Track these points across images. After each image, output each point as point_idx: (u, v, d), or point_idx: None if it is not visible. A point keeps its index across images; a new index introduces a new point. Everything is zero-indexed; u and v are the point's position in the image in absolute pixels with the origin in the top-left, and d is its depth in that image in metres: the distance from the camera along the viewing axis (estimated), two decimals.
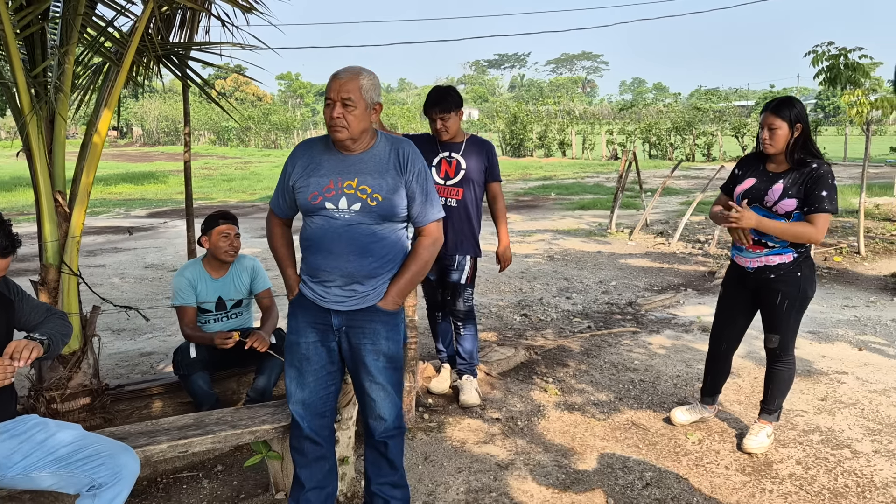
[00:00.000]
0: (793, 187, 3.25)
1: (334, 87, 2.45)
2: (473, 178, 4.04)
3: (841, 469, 3.34)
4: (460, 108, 4.03)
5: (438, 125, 3.97)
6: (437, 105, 3.94)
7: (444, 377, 4.36)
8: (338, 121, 2.43)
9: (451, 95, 3.98)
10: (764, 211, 3.32)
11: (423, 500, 3.09)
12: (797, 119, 3.23)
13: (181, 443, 2.71)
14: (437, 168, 4.04)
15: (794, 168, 3.28)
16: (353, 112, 2.43)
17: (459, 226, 4.05)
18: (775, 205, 3.28)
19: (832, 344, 5.31)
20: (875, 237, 9.95)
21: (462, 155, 4.03)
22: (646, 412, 4.06)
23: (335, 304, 2.57)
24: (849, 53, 8.67)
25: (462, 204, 4.03)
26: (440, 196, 4.01)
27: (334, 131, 2.46)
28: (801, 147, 3.27)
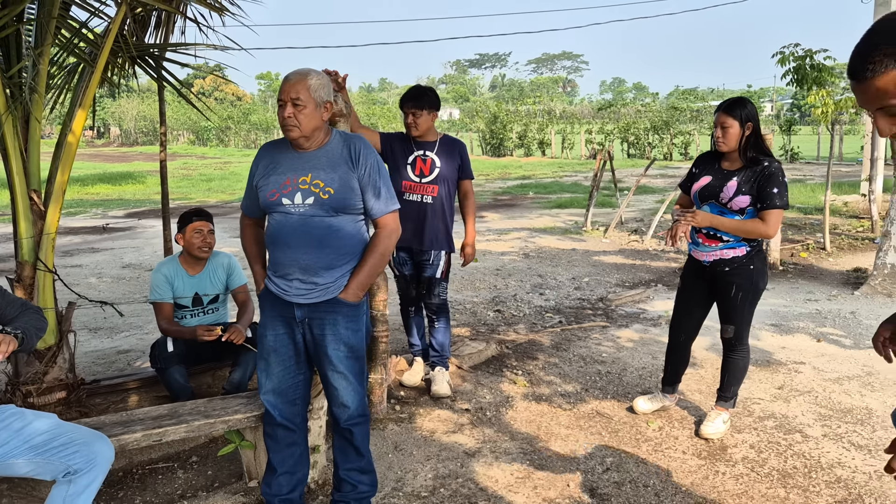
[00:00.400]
0: (746, 184, 3.41)
1: (285, 88, 2.60)
2: (447, 176, 4.18)
3: (791, 452, 3.51)
4: (434, 110, 4.16)
5: (409, 119, 4.12)
6: (411, 100, 4.11)
7: (416, 370, 4.48)
8: (289, 120, 2.57)
9: (428, 95, 4.13)
10: (719, 207, 3.47)
11: (392, 486, 3.21)
12: (748, 118, 3.39)
13: (155, 432, 2.80)
14: (411, 166, 4.16)
15: (747, 166, 3.43)
16: (303, 111, 2.57)
17: (434, 222, 4.18)
18: (730, 201, 3.44)
19: (793, 336, 5.49)
20: (841, 234, 10.21)
21: (436, 154, 4.17)
22: (610, 402, 4.21)
23: (297, 298, 2.68)
24: (814, 55, 8.91)
25: (437, 201, 4.17)
26: (415, 193, 4.14)
27: (287, 130, 2.61)
28: (753, 145, 3.43)
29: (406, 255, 4.29)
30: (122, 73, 4.58)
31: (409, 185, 4.16)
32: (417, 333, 4.54)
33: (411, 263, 4.30)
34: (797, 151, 28.96)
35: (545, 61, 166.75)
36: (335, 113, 3.62)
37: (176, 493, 3.20)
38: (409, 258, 4.29)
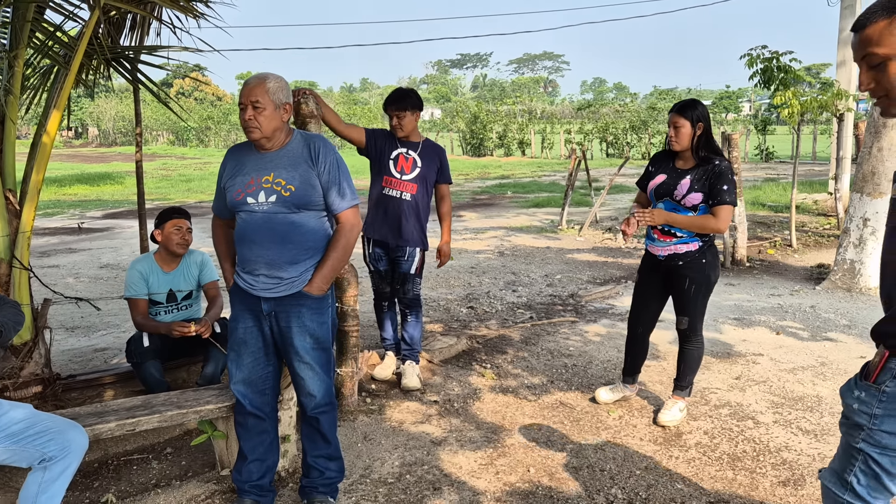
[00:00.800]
0: (698, 182, 3.58)
1: (244, 92, 2.72)
2: (426, 176, 4.32)
3: (742, 437, 3.68)
4: (417, 110, 4.29)
5: (394, 122, 4.25)
6: (394, 103, 4.23)
7: (387, 364, 4.61)
8: (250, 122, 2.70)
9: (410, 97, 4.26)
10: (673, 204, 3.64)
11: (360, 474, 3.33)
12: (699, 119, 3.56)
13: (129, 422, 2.91)
14: (394, 161, 4.29)
15: (699, 164, 3.60)
16: (262, 113, 2.70)
17: (411, 219, 4.30)
18: (683, 198, 3.61)
19: (753, 329, 5.69)
20: (808, 231, 10.47)
21: (419, 154, 4.30)
22: (574, 393, 4.36)
23: (264, 292, 2.80)
24: (780, 57, 9.16)
25: (415, 199, 4.29)
26: (395, 189, 4.26)
27: (249, 132, 2.73)
28: (705, 145, 3.60)
29: (381, 251, 4.41)
30: (97, 74, 4.67)
31: (389, 180, 4.28)
32: (390, 328, 4.66)
33: (386, 259, 4.43)
34: (772, 151, 29.42)
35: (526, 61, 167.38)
36: (305, 114, 3.74)
37: (150, 482, 3.30)
38: (384, 254, 4.41)
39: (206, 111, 50.61)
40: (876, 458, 1.77)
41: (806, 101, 8.78)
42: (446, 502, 3.07)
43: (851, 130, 11.56)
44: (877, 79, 1.71)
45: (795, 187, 9.44)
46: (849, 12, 12.29)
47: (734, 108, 62.74)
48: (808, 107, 8.77)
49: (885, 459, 1.77)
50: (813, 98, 8.86)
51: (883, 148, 6.65)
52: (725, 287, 7.19)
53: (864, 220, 6.84)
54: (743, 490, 3.15)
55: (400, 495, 3.13)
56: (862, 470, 1.81)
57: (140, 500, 3.07)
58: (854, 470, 1.83)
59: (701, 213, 3.60)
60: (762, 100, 69.16)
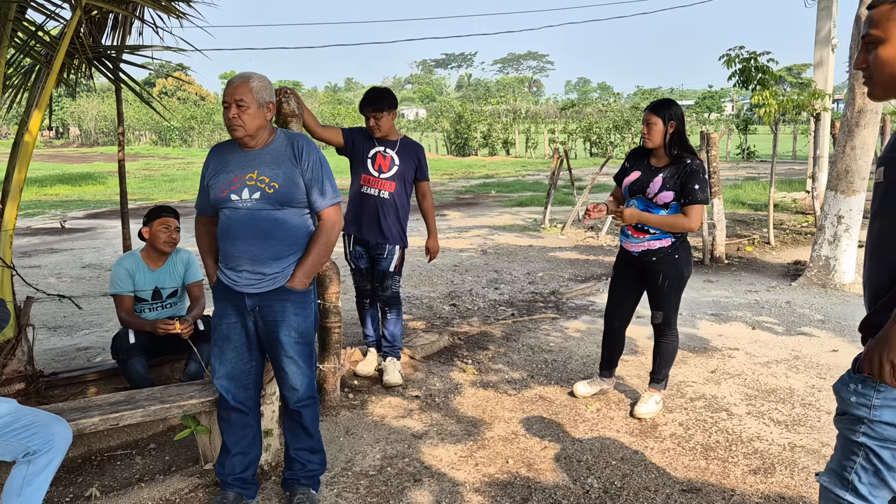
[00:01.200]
0: (670, 181, 3.67)
1: (228, 91, 2.77)
2: (405, 175, 4.37)
3: (716, 428, 3.77)
4: (393, 109, 4.34)
5: (371, 122, 4.28)
6: (370, 105, 4.26)
7: (369, 360, 4.66)
8: (234, 120, 2.75)
9: (385, 97, 4.30)
10: (646, 202, 3.73)
11: (342, 467, 3.39)
12: (671, 117, 3.65)
13: (112, 416, 2.95)
14: (371, 160, 4.34)
15: (672, 163, 3.69)
16: (246, 112, 2.75)
17: (390, 217, 4.35)
18: (655, 196, 3.69)
19: (730, 324, 5.80)
20: (786, 229, 10.63)
21: (396, 152, 4.35)
22: (554, 387, 4.44)
23: (247, 288, 2.85)
24: (758, 57, 9.30)
25: (393, 197, 4.34)
26: (373, 187, 4.32)
27: (233, 130, 2.78)
28: (678, 143, 3.69)
29: (362, 249, 4.46)
30: (79, 73, 4.69)
31: (367, 178, 4.33)
32: (372, 325, 4.72)
33: (367, 257, 4.48)
34: (753, 150, 29.73)
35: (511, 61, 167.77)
36: (287, 113, 3.79)
37: (134, 477, 3.34)
38: (364, 252, 4.47)
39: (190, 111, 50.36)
40: (877, 451, 1.77)
41: (783, 100, 8.92)
42: (426, 493, 3.14)
43: (828, 130, 11.76)
44: (868, 59, 1.81)
45: (773, 186, 9.59)
46: (825, 14, 12.50)
47: (717, 108, 63.27)
48: (785, 106, 8.92)
49: (886, 453, 1.76)
50: (790, 98, 9.01)
51: (856, 147, 6.79)
52: (704, 284, 7.31)
53: (838, 218, 6.98)
54: (715, 478, 3.24)
55: (381, 487, 3.19)
56: (863, 466, 1.80)
57: (124, 494, 3.11)
58: (855, 467, 1.81)
59: (672, 210, 3.69)
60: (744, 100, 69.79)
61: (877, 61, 1.78)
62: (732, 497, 3.07)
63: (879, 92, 1.83)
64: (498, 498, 3.09)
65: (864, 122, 6.73)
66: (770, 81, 9.24)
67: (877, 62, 1.78)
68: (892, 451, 1.76)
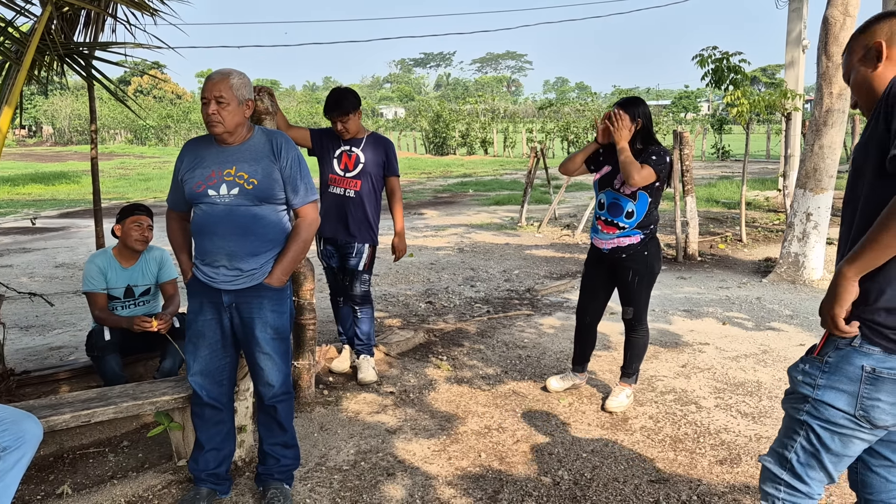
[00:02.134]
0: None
1: (208, 87, 2.78)
2: (371, 171, 4.37)
3: (685, 421, 3.85)
4: (358, 109, 4.34)
5: (339, 127, 4.27)
6: (335, 109, 4.24)
7: (344, 357, 4.68)
8: (213, 116, 2.76)
9: (348, 99, 4.28)
10: (614, 193, 3.81)
11: (316, 462, 3.41)
12: (639, 115, 3.73)
13: (84, 413, 2.94)
14: (337, 160, 4.35)
15: (638, 155, 3.78)
16: (226, 108, 2.76)
17: (358, 215, 4.37)
18: (622, 186, 3.77)
19: (702, 320, 5.90)
20: (759, 227, 10.80)
21: (361, 150, 4.36)
22: (527, 382, 4.49)
23: (224, 284, 2.87)
24: (731, 57, 9.44)
25: (359, 195, 4.36)
26: (339, 186, 4.33)
27: (212, 126, 2.79)
28: (643, 138, 3.77)
29: (332, 249, 4.48)
30: (51, 71, 4.65)
31: (333, 178, 4.35)
32: (345, 323, 4.74)
33: (337, 256, 4.50)
34: (728, 149, 30.11)
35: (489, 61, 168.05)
36: (261, 111, 3.80)
37: (106, 474, 3.33)
38: (334, 251, 4.48)
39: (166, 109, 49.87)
40: (818, 431, 1.86)
41: (755, 100, 9.07)
42: (399, 487, 3.17)
43: (799, 129, 11.95)
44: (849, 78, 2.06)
45: (746, 184, 9.74)
46: (796, 15, 12.70)
47: (693, 108, 63.90)
48: (757, 106, 9.07)
49: (825, 434, 1.85)
50: (761, 98, 9.15)
51: (824, 146, 6.93)
52: (677, 280, 7.42)
53: (807, 215, 7.12)
54: (682, 469, 3.31)
55: (354, 481, 3.22)
56: (802, 446, 1.90)
57: (96, 491, 3.10)
58: (795, 446, 1.92)
59: (640, 201, 3.76)
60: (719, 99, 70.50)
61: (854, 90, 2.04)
62: (699, 487, 3.14)
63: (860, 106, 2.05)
64: (470, 490, 3.13)
65: (832, 121, 6.86)
66: (742, 81, 9.40)
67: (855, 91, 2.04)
68: (832, 432, 1.85)
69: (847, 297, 1.76)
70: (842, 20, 6.54)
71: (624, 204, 3.78)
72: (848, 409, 1.81)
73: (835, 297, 1.78)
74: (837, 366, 1.83)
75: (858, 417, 1.81)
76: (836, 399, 1.83)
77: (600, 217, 3.87)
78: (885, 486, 2.00)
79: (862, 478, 2.04)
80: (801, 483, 1.92)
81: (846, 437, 1.85)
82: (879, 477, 2.00)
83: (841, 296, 1.76)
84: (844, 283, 1.75)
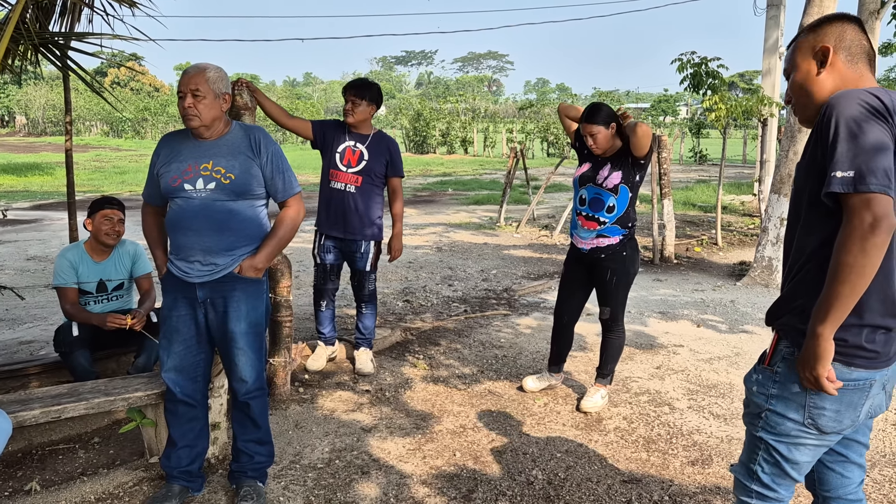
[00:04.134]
0: (616, 163, 3.81)
1: (184, 80, 2.77)
2: (374, 169, 4.34)
3: (658, 422, 3.89)
4: (374, 104, 4.32)
5: (348, 105, 4.26)
6: (354, 88, 4.28)
7: (318, 355, 4.66)
8: (189, 110, 2.74)
9: (371, 88, 4.31)
10: (596, 188, 3.84)
11: (290, 460, 3.40)
12: (609, 119, 3.76)
13: (54, 409, 2.90)
14: (340, 154, 4.32)
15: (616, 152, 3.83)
16: (202, 101, 2.75)
17: (357, 211, 4.33)
18: (605, 180, 3.82)
19: (677, 322, 5.96)
20: (734, 230, 10.94)
21: (367, 147, 4.33)
22: (503, 382, 4.51)
23: (198, 279, 2.84)
24: (709, 62, 9.55)
25: (360, 191, 4.32)
26: (339, 182, 4.30)
27: (188, 120, 2.77)
28: (619, 129, 3.80)
29: (332, 244, 4.42)
30: (25, 60, 4.57)
31: (335, 173, 4.32)
32: (328, 324, 4.65)
33: (336, 253, 4.44)
34: (705, 153, 30.43)
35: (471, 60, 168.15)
36: (240, 106, 3.77)
37: (76, 471, 3.29)
38: (333, 246, 4.43)
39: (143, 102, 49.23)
40: (775, 445, 1.91)
41: (732, 105, 9.17)
42: (373, 485, 3.16)
43: (775, 135, 12.12)
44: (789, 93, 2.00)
45: (721, 188, 9.86)
46: (773, 23, 12.87)
47: (672, 112, 64.46)
48: (734, 111, 9.18)
49: (782, 447, 1.90)
50: (738, 103, 9.26)
51: (798, 152, 7.03)
52: (653, 282, 7.48)
53: (780, 220, 7.22)
54: (655, 469, 3.34)
55: (329, 479, 3.21)
56: (765, 458, 1.95)
57: (65, 488, 3.06)
58: (758, 459, 1.97)
59: (621, 194, 3.79)
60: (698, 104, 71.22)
61: (792, 88, 1.96)
62: (671, 487, 3.18)
63: (800, 115, 1.97)
64: (444, 489, 3.13)
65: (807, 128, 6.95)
66: (720, 86, 9.51)
67: (793, 89, 1.96)
68: (787, 444, 1.90)
69: (828, 356, 1.74)
70: None
71: (606, 198, 3.81)
72: (798, 419, 1.86)
73: (817, 358, 1.74)
74: (786, 376, 1.87)
75: (807, 426, 1.85)
76: (787, 409, 1.87)
77: (581, 213, 3.90)
78: (842, 481, 2.05)
79: (819, 475, 2.09)
80: (770, 491, 1.97)
81: (802, 446, 1.89)
82: (835, 473, 2.05)
83: (822, 357, 1.73)
84: (824, 345, 1.72)
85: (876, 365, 1.82)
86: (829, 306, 1.68)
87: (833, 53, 1.86)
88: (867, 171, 1.63)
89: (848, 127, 1.67)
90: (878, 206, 1.62)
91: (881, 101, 1.71)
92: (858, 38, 1.88)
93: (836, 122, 1.69)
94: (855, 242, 1.63)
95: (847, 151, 1.65)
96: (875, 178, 1.62)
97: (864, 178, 1.63)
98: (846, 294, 1.66)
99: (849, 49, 1.87)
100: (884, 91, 1.75)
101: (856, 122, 1.67)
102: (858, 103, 1.69)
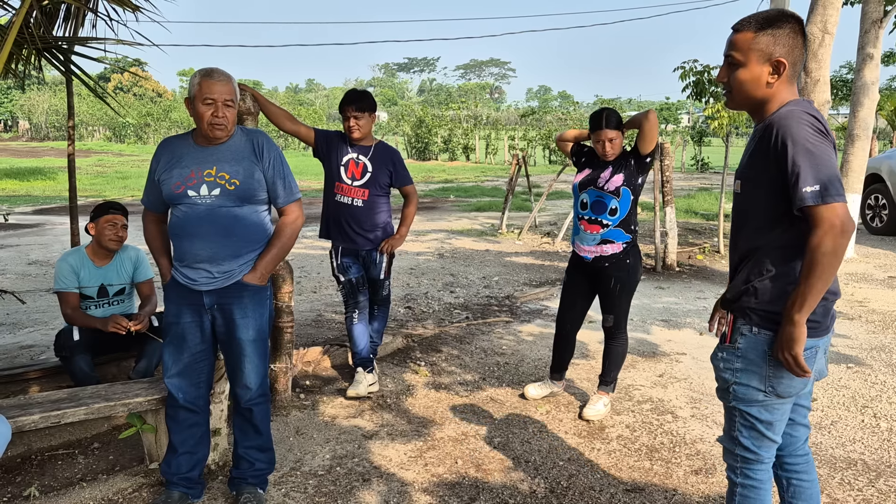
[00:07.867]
0: (618, 167, 3.82)
1: (216, 89, 2.71)
2: (378, 181, 4.28)
3: (661, 430, 3.86)
4: (373, 112, 4.28)
5: (351, 122, 4.17)
6: (353, 103, 4.16)
7: (359, 381, 4.30)
8: (221, 120, 2.72)
9: (367, 98, 4.24)
10: (598, 192, 3.84)
11: (291, 466, 3.38)
12: (620, 123, 3.77)
13: (54, 414, 2.88)
14: (345, 167, 4.25)
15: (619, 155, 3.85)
16: (231, 111, 2.76)
17: (366, 224, 4.26)
18: (606, 183, 3.82)
19: (679, 330, 5.94)
20: None
21: (370, 159, 4.26)
22: (505, 389, 4.49)
23: (205, 286, 2.82)
24: (711, 70, 9.56)
25: (368, 204, 4.25)
26: (346, 196, 4.23)
27: (217, 129, 2.74)
28: None
29: (349, 261, 4.31)
30: (28, 65, 4.58)
31: (341, 186, 4.24)
32: (363, 341, 4.39)
33: (356, 266, 4.34)
34: (707, 161, 30.43)
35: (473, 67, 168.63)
36: (244, 111, 3.76)
37: (76, 476, 3.27)
38: (352, 262, 4.32)
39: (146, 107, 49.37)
40: (747, 411, 2.14)
41: (734, 113, 9.17)
42: (375, 493, 3.14)
43: None
44: (729, 75, 2.10)
45: (724, 196, 9.84)
46: None
47: (673, 120, 64.57)
48: (736, 119, 9.17)
49: (753, 410, 2.13)
50: (743, 111, 9.25)
51: None
52: (655, 290, 7.46)
53: None
54: (658, 479, 3.32)
55: (329, 487, 3.19)
56: (742, 424, 2.18)
57: (64, 494, 3.04)
58: (737, 426, 2.20)
59: (624, 196, 3.79)
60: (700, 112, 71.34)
61: (735, 81, 2.08)
62: (674, 497, 3.15)
63: (733, 104, 2.15)
64: (446, 498, 3.11)
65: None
66: (722, 95, 9.50)
67: (735, 82, 2.08)
68: (758, 407, 2.13)
69: (804, 338, 1.98)
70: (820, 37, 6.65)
71: (608, 201, 3.81)
72: (760, 387, 2.10)
73: (795, 340, 1.97)
74: (747, 350, 2.11)
75: (768, 392, 2.10)
76: (751, 379, 2.11)
77: (583, 217, 3.88)
78: (791, 440, 2.33)
79: None
80: (752, 453, 2.20)
81: (769, 406, 2.13)
82: (785, 434, 2.30)
83: (799, 339, 1.97)
84: (800, 329, 1.97)
85: (818, 334, 2.09)
86: (806, 297, 1.93)
87: (785, 67, 2.01)
88: (829, 183, 1.87)
89: (805, 147, 1.90)
90: (843, 212, 1.88)
91: (818, 120, 1.95)
92: (801, 51, 2.05)
93: (792, 143, 1.91)
94: (828, 245, 1.87)
95: (810, 168, 1.88)
96: (836, 189, 1.87)
97: (828, 189, 1.87)
98: (821, 287, 1.92)
99: (794, 65, 2.04)
100: (813, 108, 2.00)
101: (809, 141, 1.91)
102: (807, 125, 1.93)
